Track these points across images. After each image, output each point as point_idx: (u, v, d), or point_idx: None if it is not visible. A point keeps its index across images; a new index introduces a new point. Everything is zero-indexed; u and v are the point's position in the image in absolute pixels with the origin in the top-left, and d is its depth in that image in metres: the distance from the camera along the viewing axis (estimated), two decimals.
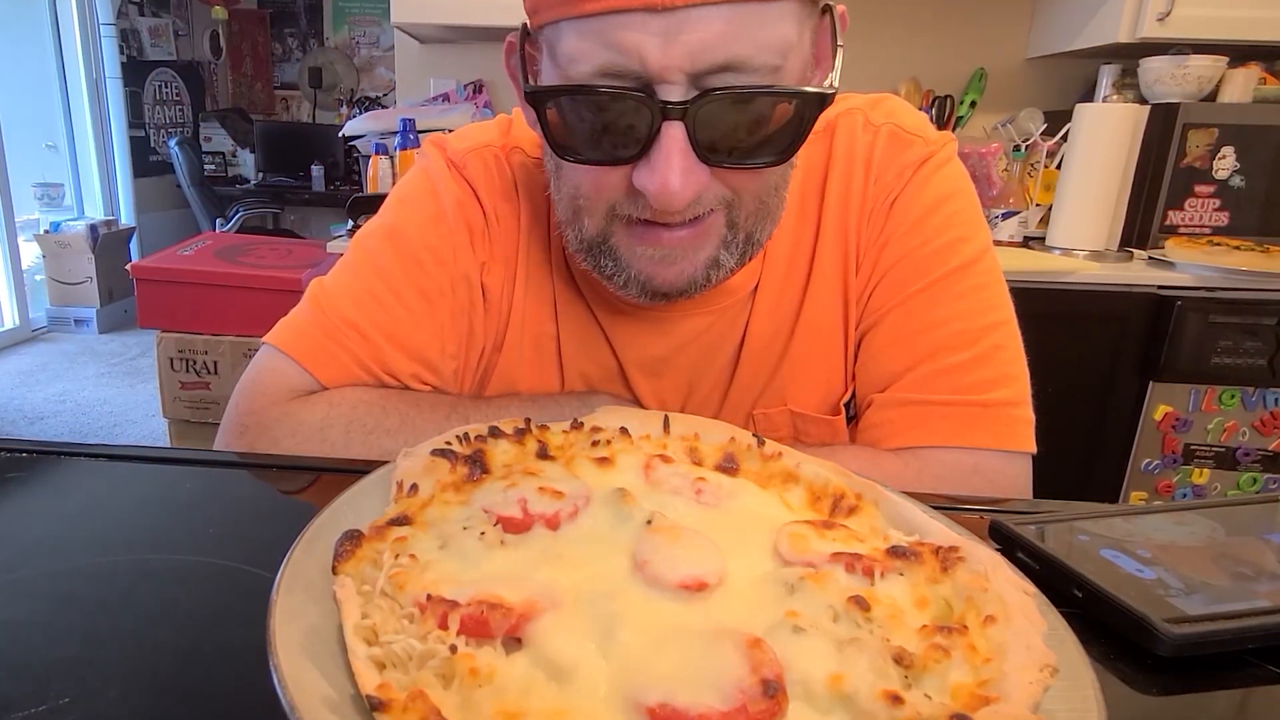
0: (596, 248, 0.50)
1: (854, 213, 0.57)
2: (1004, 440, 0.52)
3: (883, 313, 0.56)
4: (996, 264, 0.57)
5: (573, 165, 0.47)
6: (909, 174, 0.56)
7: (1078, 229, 1.55)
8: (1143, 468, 1.49)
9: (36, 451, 0.46)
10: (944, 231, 0.55)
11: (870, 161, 0.56)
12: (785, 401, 0.59)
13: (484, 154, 0.59)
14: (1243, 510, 0.40)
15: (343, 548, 0.29)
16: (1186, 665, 0.30)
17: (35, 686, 0.27)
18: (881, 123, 0.57)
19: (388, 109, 2.25)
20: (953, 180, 0.57)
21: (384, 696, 0.22)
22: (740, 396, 0.60)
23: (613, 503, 0.33)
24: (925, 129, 0.57)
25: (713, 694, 0.23)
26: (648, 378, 0.60)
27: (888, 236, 0.56)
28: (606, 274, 0.51)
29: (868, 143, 0.57)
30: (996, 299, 0.55)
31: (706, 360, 0.60)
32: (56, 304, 3.78)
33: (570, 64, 0.43)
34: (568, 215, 0.50)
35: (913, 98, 1.91)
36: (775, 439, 0.40)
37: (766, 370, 0.59)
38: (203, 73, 4.80)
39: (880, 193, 0.56)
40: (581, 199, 0.48)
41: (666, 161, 0.42)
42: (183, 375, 2.07)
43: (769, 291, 0.58)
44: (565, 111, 0.44)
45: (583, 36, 0.42)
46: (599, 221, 0.48)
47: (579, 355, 0.60)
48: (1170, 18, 1.53)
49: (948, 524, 0.33)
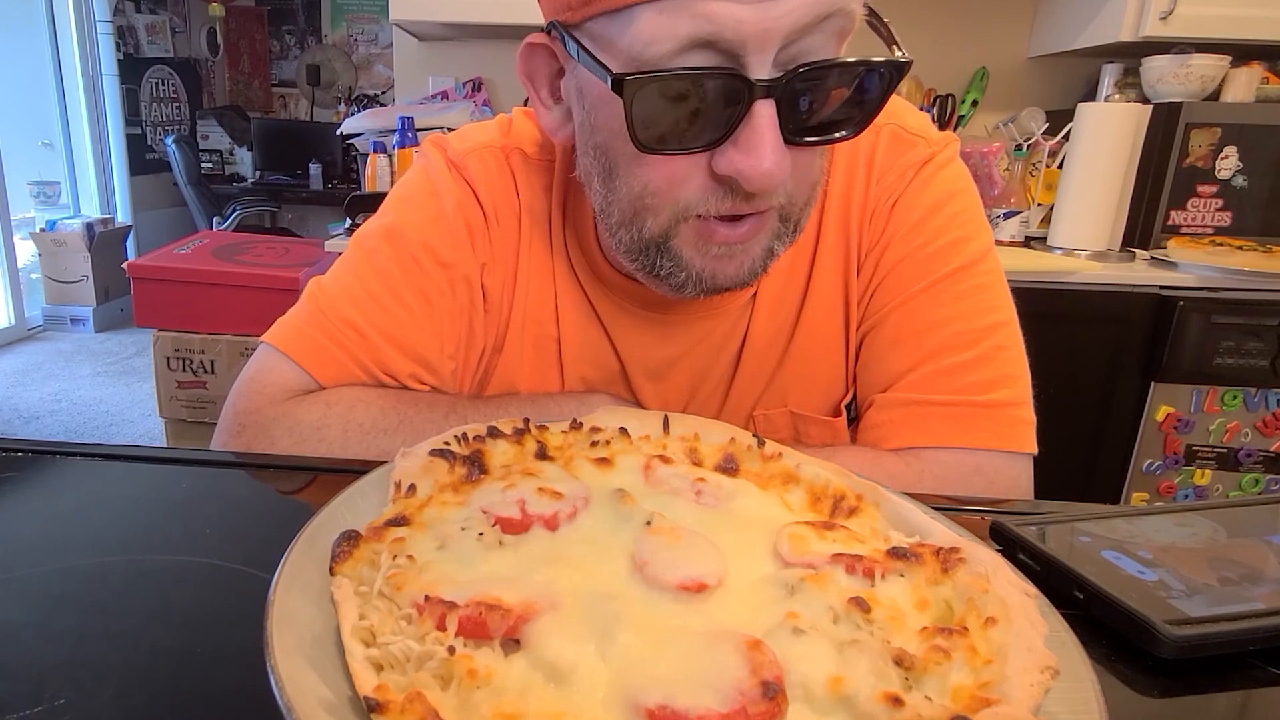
0: (655, 248, 0.48)
1: (855, 214, 0.56)
2: (1005, 441, 0.52)
3: (884, 313, 0.56)
4: (998, 264, 0.56)
5: (644, 161, 0.45)
6: (911, 175, 0.56)
7: (1079, 229, 1.55)
8: (1144, 469, 1.49)
9: (32, 451, 0.46)
10: (945, 232, 0.55)
11: (872, 162, 0.56)
12: (786, 403, 0.59)
13: (484, 154, 0.59)
14: (1245, 512, 0.40)
15: (340, 548, 0.28)
16: (1188, 667, 0.30)
17: (30, 687, 0.26)
18: (883, 123, 0.56)
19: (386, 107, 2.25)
20: (955, 181, 0.57)
21: (382, 698, 0.22)
22: (740, 398, 0.60)
23: (612, 503, 0.33)
24: (927, 129, 0.57)
25: (712, 695, 0.23)
26: (650, 380, 0.60)
27: (889, 237, 0.56)
28: (661, 274, 0.49)
29: (869, 143, 0.56)
30: (998, 299, 0.55)
31: (709, 363, 0.59)
32: (52, 303, 3.77)
33: (647, 47, 0.40)
34: (626, 216, 0.48)
35: (914, 96, 1.91)
36: (775, 440, 0.39)
37: (767, 372, 0.59)
38: (200, 70, 4.79)
39: (882, 193, 0.56)
40: (649, 197, 0.46)
41: (761, 140, 0.40)
42: (179, 374, 2.07)
43: (770, 293, 0.58)
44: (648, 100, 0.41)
45: (664, 12, 0.39)
46: (664, 221, 0.46)
47: (580, 357, 0.60)
48: (1173, 16, 1.52)
49: (948, 525, 0.33)
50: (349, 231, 1.59)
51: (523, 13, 1.67)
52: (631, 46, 0.40)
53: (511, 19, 1.68)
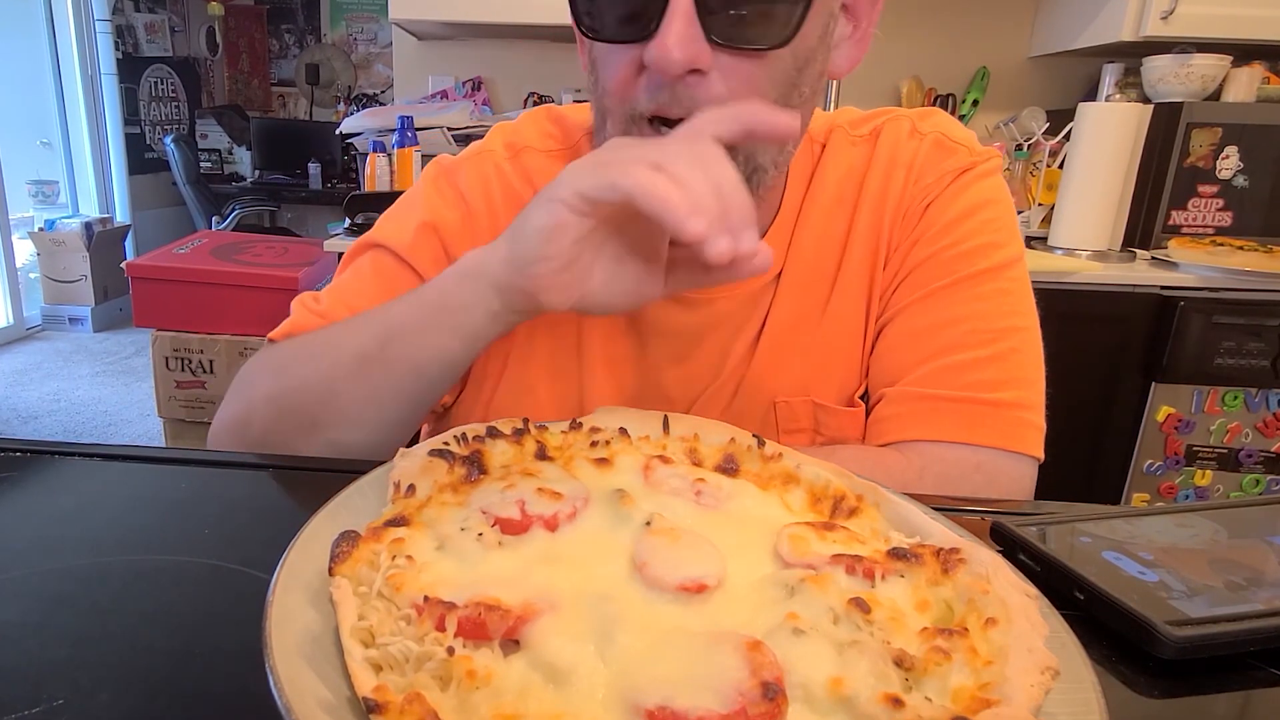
0: None
1: (889, 211, 0.57)
2: (1010, 440, 0.52)
3: (902, 306, 0.56)
4: (1026, 276, 0.57)
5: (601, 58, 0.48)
6: (949, 180, 0.56)
7: (1080, 229, 1.55)
8: (1145, 469, 1.49)
9: (30, 451, 0.46)
10: (976, 236, 0.55)
11: (912, 165, 0.57)
12: (808, 392, 0.59)
13: (480, 161, 0.60)
14: (1245, 512, 0.40)
15: (340, 549, 0.28)
16: (1189, 668, 0.30)
17: (28, 688, 0.26)
18: (928, 131, 0.58)
19: (386, 106, 2.24)
20: (992, 191, 0.57)
21: (381, 699, 0.22)
22: (761, 382, 0.59)
23: (612, 504, 0.33)
24: (972, 142, 0.58)
25: (712, 697, 0.23)
26: (674, 363, 0.59)
27: (918, 235, 0.56)
28: None
29: (912, 148, 0.57)
30: (1020, 306, 0.55)
31: (729, 342, 0.59)
32: (51, 302, 3.77)
33: None
34: (598, 120, 0.51)
35: (915, 96, 1.91)
36: (796, 429, 0.39)
37: (790, 358, 0.59)
38: (199, 69, 4.78)
39: (918, 194, 0.57)
40: (606, 97, 0.49)
41: (669, 24, 0.42)
42: (178, 374, 2.07)
43: (793, 278, 0.58)
44: None
45: None
46: (620, 123, 0.49)
47: (603, 344, 0.59)
48: (1174, 16, 1.52)
49: (949, 525, 0.33)
50: (348, 231, 1.59)
51: (523, 12, 1.67)
52: None
53: (511, 18, 1.68)
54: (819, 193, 0.58)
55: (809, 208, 0.58)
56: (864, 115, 0.60)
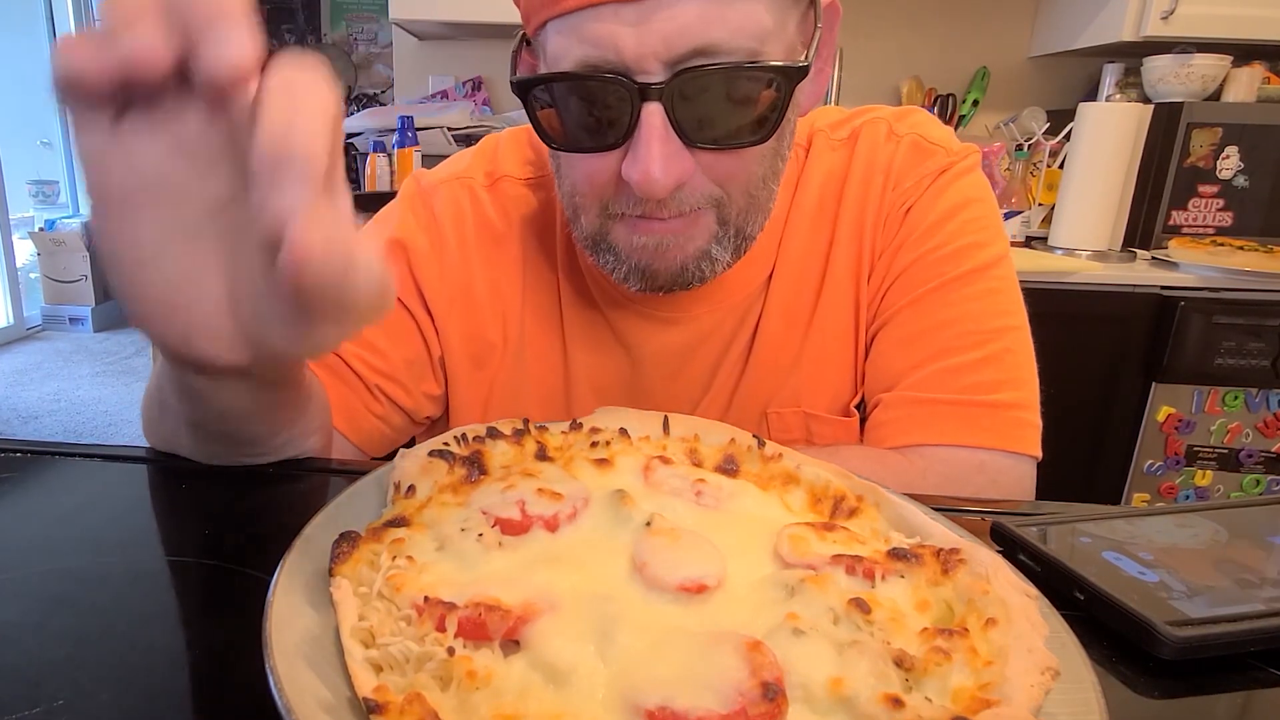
0: (594, 242, 0.51)
1: (870, 218, 0.57)
2: (1009, 441, 0.52)
3: (893, 312, 0.56)
4: (1012, 272, 0.57)
5: (568, 161, 0.48)
6: (928, 182, 0.56)
7: (1081, 229, 1.55)
8: (1145, 469, 1.49)
9: (30, 451, 0.46)
10: (959, 236, 0.55)
11: (890, 169, 0.57)
12: (799, 403, 0.59)
13: (457, 187, 0.60)
14: (1246, 512, 0.40)
15: (340, 549, 0.28)
16: (1189, 668, 0.29)
17: (28, 689, 0.26)
18: (905, 133, 0.57)
19: (386, 106, 2.24)
20: (972, 189, 0.57)
21: (381, 699, 0.22)
22: (753, 394, 0.59)
23: (612, 505, 0.33)
24: (949, 141, 0.58)
25: (712, 697, 0.23)
26: (665, 380, 0.60)
27: (901, 241, 0.56)
28: (609, 268, 0.52)
29: (889, 152, 0.57)
30: (1009, 304, 0.55)
31: (719, 356, 0.59)
32: (51, 302, 3.77)
33: (555, 63, 0.45)
34: (570, 213, 0.52)
35: (915, 96, 1.91)
36: (788, 440, 0.39)
37: (780, 370, 0.59)
38: None
39: (897, 199, 0.56)
40: (578, 196, 0.49)
41: (648, 147, 0.42)
42: None
43: (781, 291, 0.58)
44: (552, 102, 0.46)
45: (561, 34, 0.43)
46: (594, 218, 0.49)
47: (590, 363, 0.60)
48: (1174, 16, 1.52)
49: (949, 526, 0.33)
50: None
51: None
52: (550, 62, 0.45)
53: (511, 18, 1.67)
54: (803, 200, 0.58)
55: (795, 216, 0.58)
56: (843, 117, 0.60)
